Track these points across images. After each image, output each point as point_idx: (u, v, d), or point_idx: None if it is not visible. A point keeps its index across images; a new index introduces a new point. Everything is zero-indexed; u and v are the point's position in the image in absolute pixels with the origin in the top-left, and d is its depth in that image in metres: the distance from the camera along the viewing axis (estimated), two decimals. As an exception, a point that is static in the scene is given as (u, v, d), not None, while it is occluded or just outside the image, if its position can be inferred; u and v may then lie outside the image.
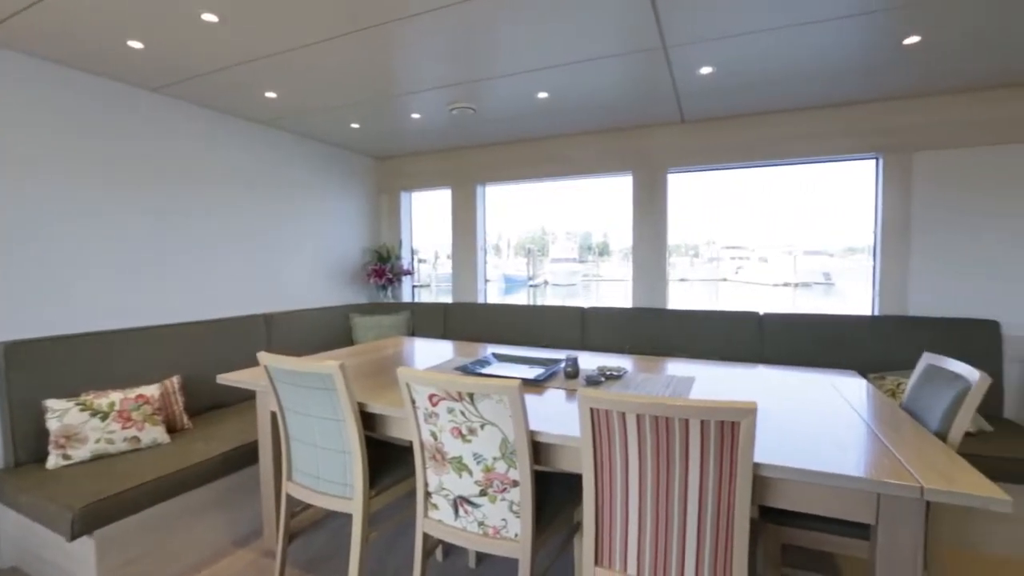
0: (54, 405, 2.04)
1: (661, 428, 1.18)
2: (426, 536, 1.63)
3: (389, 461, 1.92)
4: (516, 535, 1.46)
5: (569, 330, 3.53)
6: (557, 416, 1.59)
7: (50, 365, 2.16)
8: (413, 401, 1.53)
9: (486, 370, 2.19)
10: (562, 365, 2.19)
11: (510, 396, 1.36)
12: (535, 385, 1.97)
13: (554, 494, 1.65)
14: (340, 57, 2.35)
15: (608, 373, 2.09)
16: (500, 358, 2.43)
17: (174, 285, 2.92)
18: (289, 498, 1.91)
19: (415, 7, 1.91)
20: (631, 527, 1.27)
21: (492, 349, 2.72)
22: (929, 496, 1.09)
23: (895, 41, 2.16)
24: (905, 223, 2.94)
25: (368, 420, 1.81)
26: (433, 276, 5.48)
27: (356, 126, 3.52)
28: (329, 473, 1.78)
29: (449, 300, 4.30)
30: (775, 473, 1.21)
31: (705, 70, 2.49)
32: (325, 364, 1.65)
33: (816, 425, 1.50)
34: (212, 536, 2.19)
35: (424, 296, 5.15)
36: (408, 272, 4.53)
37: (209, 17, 1.96)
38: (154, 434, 2.21)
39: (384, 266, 4.30)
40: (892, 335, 2.80)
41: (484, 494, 1.48)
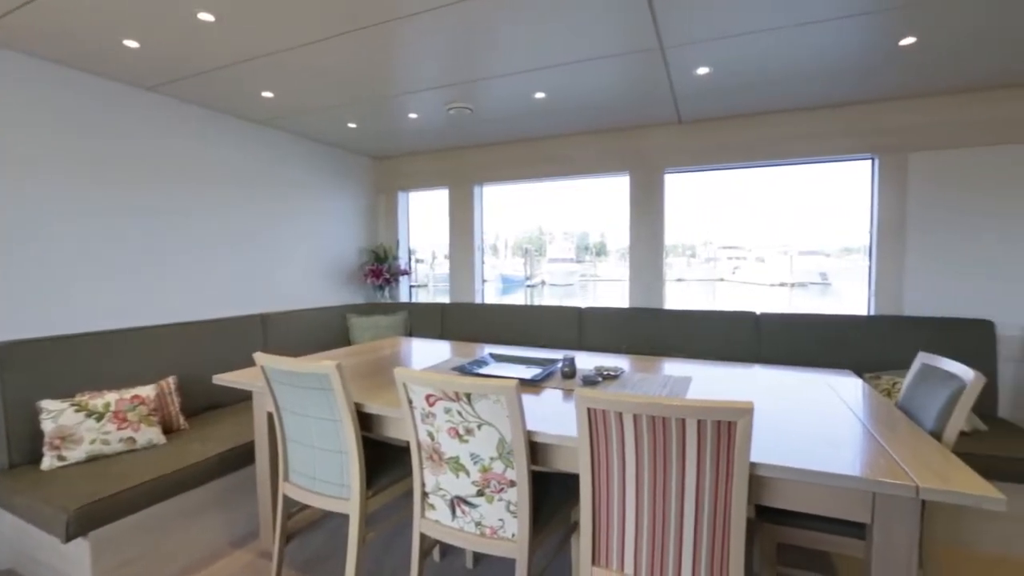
0: (49, 406, 2.03)
1: (658, 428, 1.18)
2: (423, 536, 1.62)
3: (386, 461, 1.92)
4: (513, 535, 1.46)
5: (566, 330, 3.53)
6: (554, 416, 1.59)
7: (45, 366, 2.15)
8: (410, 401, 1.53)
9: (483, 370, 2.19)
10: (559, 365, 2.19)
11: (507, 396, 1.36)
12: (532, 385, 1.97)
13: (551, 494, 1.65)
14: (337, 57, 2.35)
15: (605, 373, 2.09)
16: (497, 358, 2.43)
17: (171, 285, 2.91)
18: (286, 499, 1.91)
19: (412, 7, 1.91)
20: (628, 526, 1.27)
21: (489, 349, 2.72)
22: (924, 495, 1.09)
23: (891, 42, 2.17)
24: (901, 223, 2.96)
25: (365, 420, 1.80)
26: (430, 276, 5.48)
27: (353, 126, 3.51)
28: (326, 474, 1.78)
29: (446, 300, 4.30)
30: (771, 472, 1.21)
31: (702, 70, 2.50)
32: (322, 364, 1.64)
33: (812, 425, 1.50)
34: (208, 537, 2.18)
35: (421, 296, 5.15)
36: (405, 272, 4.53)
37: (205, 16, 1.96)
38: (150, 435, 2.20)
39: (381, 266, 4.29)
40: (888, 335, 2.81)
41: (481, 494, 1.48)
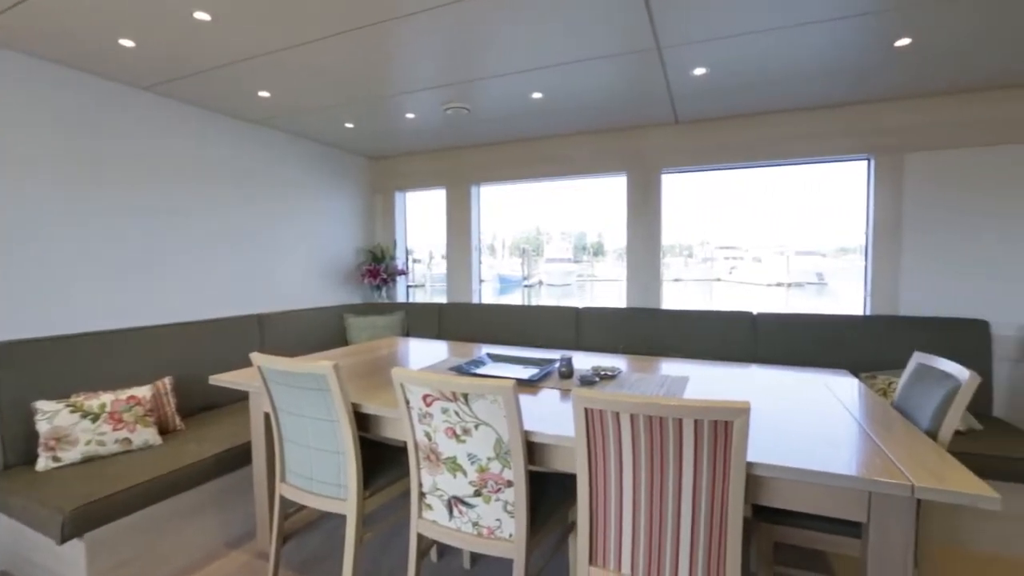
0: (44, 407, 2.02)
1: (655, 428, 1.18)
2: (420, 537, 1.62)
3: (383, 462, 1.92)
4: (511, 535, 1.46)
5: (564, 330, 3.53)
6: (551, 416, 1.59)
7: (40, 366, 2.13)
8: (407, 401, 1.53)
9: (481, 370, 2.19)
10: (557, 365, 2.19)
11: (504, 396, 1.36)
12: (529, 385, 1.97)
13: (548, 494, 1.65)
14: (334, 56, 2.34)
15: (602, 373, 2.09)
16: (495, 358, 2.43)
17: (170, 285, 2.91)
18: (283, 499, 1.90)
19: (409, 7, 1.91)
20: (625, 526, 1.27)
21: (487, 349, 2.72)
22: (920, 494, 1.10)
23: (887, 43, 2.18)
24: (896, 224, 2.97)
25: (362, 421, 1.80)
26: (428, 276, 5.48)
27: (350, 126, 3.50)
28: (323, 474, 1.77)
29: (444, 300, 4.30)
30: (768, 472, 1.21)
31: (699, 71, 2.50)
32: (319, 364, 1.64)
33: (809, 424, 1.51)
34: (205, 538, 2.17)
35: (419, 296, 5.14)
36: (403, 272, 4.53)
37: (201, 16, 1.95)
38: (146, 435, 2.19)
39: (378, 266, 4.29)
40: (883, 335, 2.82)
41: (479, 494, 1.48)
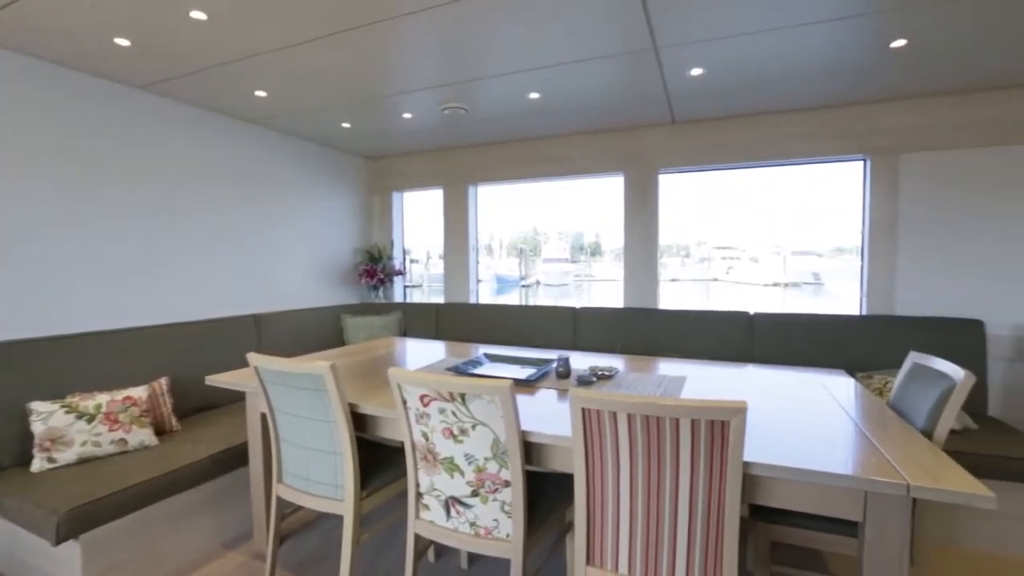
0: (39, 407, 2.01)
1: (652, 428, 1.18)
2: (418, 537, 1.62)
3: (380, 462, 1.91)
4: (508, 535, 1.46)
5: (561, 330, 3.53)
6: (549, 416, 1.59)
7: (35, 366, 2.12)
8: (404, 402, 1.53)
9: (478, 370, 2.19)
10: (554, 365, 2.19)
11: (501, 396, 1.36)
12: (527, 385, 1.97)
13: (546, 494, 1.66)
14: (330, 57, 2.34)
15: (600, 373, 2.10)
16: (492, 358, 2.43)
17: (170, 285, 2.91)
18: (279, 500, 1.90)
19: (406, 6, 1.90)
20: (622, 526, 1.27)
21: (484, 349, 2.72)
22: (915, 493, 1.10)
23: (882, 44, 2.19)
24: (892, 224, 2.98)
25: (359, 421, 1.80)
26: (425, 276, 5.47)
27: (347, 125, 3.50)
28: (320, 475, 1.77)
29: (441, 300, 4.29)
30: (765, 472, 1.22)
31: (696, 71, 2.51)
32: (316, 365, 1.64)
33: (805, 424, 1.51)
34: (201, 539, 2.17)
35: (416, 296, 5.14)
36: (400, 272, 4.52)
37: (198, 15, 1.94)
38: (141, 436, 2.18)
39: (376, 266, 4.28)
40: (879, 334, 2.83)
41: (476, 494, 1.48)
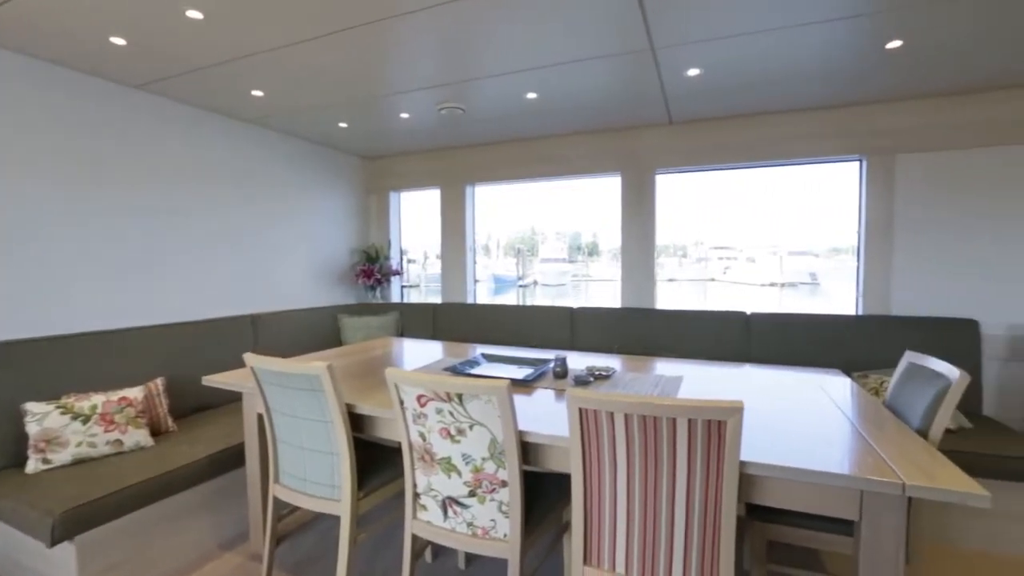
0: (34, 408, 2.00)
1: (649, 427, 1.18)
2: (415, 537, 1.62)
3: (377, 462, 1.91)
4: (505, 535, 1.46)
5: (558, 330, 3.53)
6: (546, 416, 1.59)
7: (30, 367, 2.11)
8: (401, 402, 1.53)
9: (475, 371, 2.19)
10: (551, 365, 2.19)
11: (499, 396, 1.36)
12: (524, 385, 1.97)
13: (543, 494, 1.66)
14: (327, 56, 2.33)
15: (597, 373, 2.10)
16: (489, 358, 2.43)
17: (168, 285, 2.90)
18: (276, 500, 1.89)
19: (404, 6, 1.90)
20: (619, 526, 1.28)
21: (481, 349, 2.71)
22: (911, 492, 1.11)
23: (878, 45, 2.20)
24: (888, 224, 2.99)
25: (356, 421, 1.79)
26: (422, 276, 5.47)
27: (344, 125, 3.49)
28: (317, 475, 1.77)
29: (438, 300, 4.29)
30: (761, 471, 1.22)
31: (692, 72, 2.51)
32: (313, 365, 1.63)
33: (802, 423, 1.52)
34: (197, 540, 2.16)
35: (413, 296, 5.14)
36: (397, 272, 4.51)
37: (194, 14, 1.94)
38: (137, 437, 2.17)
39: (373, 266, 4.27)
40: (875, 334, 2.85)
41: (473, 495, 1.48)
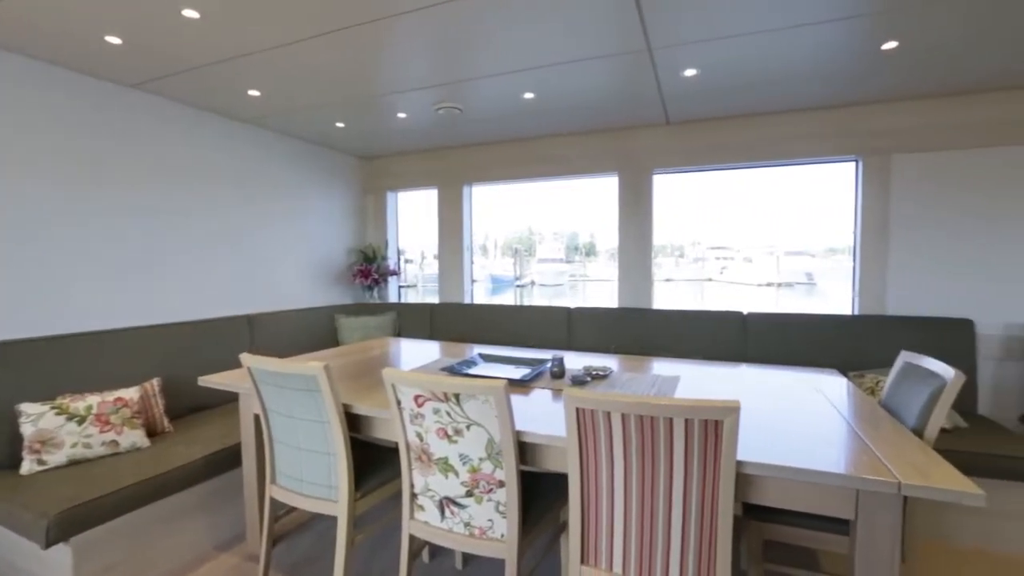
0: (28, 409, 1.98)
1: (646, 427, 1.19)
2: (412, 538, 1.62)
3: (374, 463, 1.91)
4: (502, 535, 1.46)
5: (556, 330, 3.54)
6: (543, 416, 1.59)
7: (25, 367, 2.10)
8: (399, 402, 1.52)
9: (472, 371, 2.19)
10: (548, 365, 2.19)
11: (496, 396, 1.36)
12: (521, 385, 1.97)
13: (540, 494, 1.66)
14: (324, 56, 2.33)
15: (594, 373, 2.10)
16: (486, 358, 2.43)
17: (168, 285, 2.90)
18: (273, 501, 1.89)
19: (401, 6, 1.90)
20: (616, 525, 1.28)
21: (479, 350, 2.71)
22: (906, 491, 1.11)
23: (874, 46, 2.21)
24: (884, 224, 3.01)
25: (353, 422, 1.79)
26: (419, 276, 5.46)
27: (341, 125, 3.48)
28: (314, 475, 1.76)
29: (436, 300, 4.28)
30: (758, 471, 1.22)
31: (689, 72, 2.52)
32: (309, 365, 1.63)
33: (798, 423, 1.52)
34: (194, 541, 2.15)
35: (410, 297, 5.13)
36: (394, 272, 4.51)
37: (190, 13, 1.93)
38: (133, 438, 2.16)
39: (370, 266, 4.27)
40: (871, 334, 2.86)
41: (470, 495, 1.48)
